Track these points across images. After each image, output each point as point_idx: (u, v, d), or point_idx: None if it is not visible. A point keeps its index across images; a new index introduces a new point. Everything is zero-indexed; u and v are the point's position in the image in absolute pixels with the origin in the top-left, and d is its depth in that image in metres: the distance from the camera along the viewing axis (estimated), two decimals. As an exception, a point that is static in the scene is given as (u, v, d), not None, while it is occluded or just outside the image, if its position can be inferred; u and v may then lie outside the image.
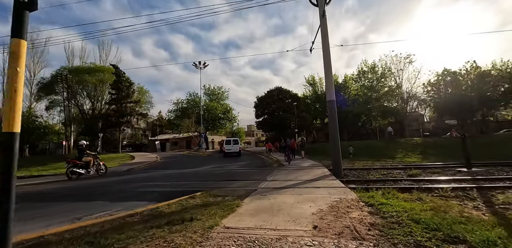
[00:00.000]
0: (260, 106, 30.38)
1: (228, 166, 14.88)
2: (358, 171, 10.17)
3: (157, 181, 9.47)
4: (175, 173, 11.98)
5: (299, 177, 8.38)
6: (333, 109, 9.30)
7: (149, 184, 8.41)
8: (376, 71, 35.20)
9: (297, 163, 14.25)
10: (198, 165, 16.30)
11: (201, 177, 10.20)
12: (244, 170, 12.13)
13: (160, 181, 9.27)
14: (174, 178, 10.18)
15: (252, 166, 13.99)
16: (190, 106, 49.38)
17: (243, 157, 23.09)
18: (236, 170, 12.11)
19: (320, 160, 17.07)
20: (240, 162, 17.29)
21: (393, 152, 22.54)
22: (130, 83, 32.92)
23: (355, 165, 13.28)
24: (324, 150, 25.13)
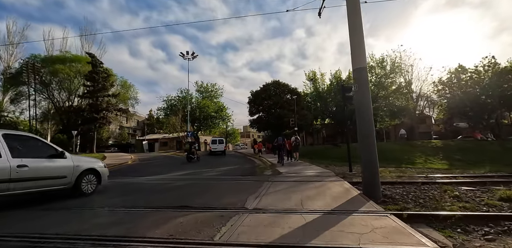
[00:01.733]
0: (255, 102, 26.67)
1: (204, 173, 11.11)
2: (400, 187, 6.43)
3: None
4: (110, 185, 8.14)
5: (307, 200, 4.67)
6: (363, 83, 5.57)
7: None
8: (384, 66, 31.70)
9: (297, 169, 10.52)
10: (169, 170, 12.51)
11: (141, 196, 6.38)
12: (222, 180, 8.36)
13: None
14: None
15: (236, 174, 10.24)
16: (181, 104, 45.62)
17: (232, 160, 19.35)
18: (210, 181, 8.34)
19: (326, 165, 13.41)
20: (224, 167, 13.52)
21: (411, 157, 18.91)
22: (108, 74, 29.09)
23: (381, 174, 9.54)
24: (326, 153, 21.49)
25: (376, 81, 31.65)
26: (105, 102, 28.28)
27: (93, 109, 27.56)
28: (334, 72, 36.06)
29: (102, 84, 27.95)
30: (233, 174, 10.40)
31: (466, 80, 33.33)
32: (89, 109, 28.10)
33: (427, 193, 5.48)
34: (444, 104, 35.64)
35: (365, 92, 5.54)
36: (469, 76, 33.44)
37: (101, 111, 27.73)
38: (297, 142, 14.58)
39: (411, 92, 31.88)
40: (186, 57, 29.64)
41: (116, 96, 30.44)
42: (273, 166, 12.39)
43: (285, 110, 24.54)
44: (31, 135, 5.67)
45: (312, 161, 15.89)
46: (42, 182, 5.13)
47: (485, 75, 32.44)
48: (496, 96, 29.98)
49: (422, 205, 4.45)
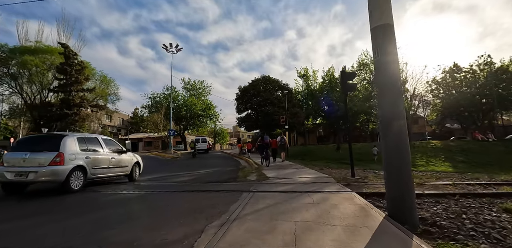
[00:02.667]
0: (243, 99, 24.71)
1: (175, 177, 9.13)
2: (433, 201, 4.59)
3: None
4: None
5: (304, 234, 2.75)
6: (387, 49, 3.67)
7: None
8: (379, 63, 30.36)
9: (288, 174, 8.67)
10: None
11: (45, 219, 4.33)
12: (188, 190, 6.36)
13: None
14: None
15: (213, 179, 8.28)
16: (166, 101, 43.14)
17: (216, 161, 17.37)
18: (171, 191, 6.34)
19: (320, 167, 11.62)
20: (203, 170, 11.52)
21: (411, 158, 17.35)
22: (82, 67, 26.49)
23: None
24: (319, 154, 19.78)
25: (370, 78, 30.25)
26: (78, 97, 25.69)
27: (65, 104, 24.96)
28: (327, 70, 34.55)
29: (75, 77, 25.37)
30: (209, 179, 8.43)
31: (461, 79, 32.43)
32: (60, 105, 25.48)
33: (483, 214, 3.67)
34: (438, 104, 34.66)
35: (390, 63, 3.68)
36: (464, 76, 32.57)
37: (73, 106, 25.15)
38: (282, 141, 13.16)
39: (405, 91, 30.61)
40: (169, 50, 27.46)
41: (91, 91, 27.84)
42: (259, 168, 10.48)
43: (275, 107, 22.68)
44: (110, 138, 8.10)
45: (305, 162, 14.11)
46: (118, 169, 7.54)
47: (480, 75, 31.61)
48: (492, 95, 29.08)
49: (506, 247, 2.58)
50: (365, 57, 31.80)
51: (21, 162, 5.61)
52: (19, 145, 6.31)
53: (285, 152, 13.84)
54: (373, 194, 4.91)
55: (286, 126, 17.29)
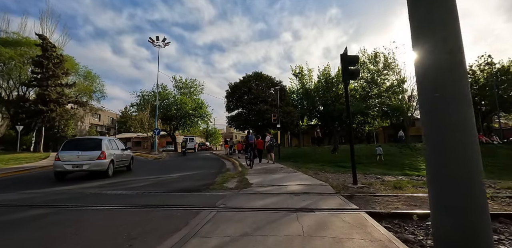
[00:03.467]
0: (233, 96, 23.09)
1: (137, 182, 7.47)
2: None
3: None
4: None
5: None
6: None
7: None
8: (377, 61, 29.10)
9: (275, 179, 7.11)
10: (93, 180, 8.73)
11: None
12: (132, 206, 4.72)
13: None
14: None
15: (182, 186, 6.68)
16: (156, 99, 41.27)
17: (200, 162, 15.71)
18: (104, 206, 4.72)
19: (315, 171, 10.15)
20: (179, 173, 9.85)
21: (413, 161, 15.98)
22: (61, 60, 24.59)
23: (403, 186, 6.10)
24: (313, 156, 18.21)
25: (368, 77, 28.98)
26: (55, 92, 23.75)
27: (40, 100, 23.03)
28: (323, 69, 33.20)
29: (52, 71, 23.46)
30: (178, 185, 6.81)
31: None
32: (34, 100, 23.53)
33: None
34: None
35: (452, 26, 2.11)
36: (463, 77, 31.49)
37: (50, 102, 23.21)
38: (272, 141, 12.10)
39: (404, 91, 29.43)
40: (156, 44, 25.75)
41: (71, 86, 25.88)
42: (242, 172, 8.86)
43: (267, 106, 21.10)
44: (118, 139, 11.41)
45: (298, 165, 12.56)
46: (125, 162, 10.54)
47: (480, 75, 30.65)
48: (493, 97, 28.04)
49: None
50: (363, 55, 30.54)
51: (76, 158, 8.23)
52: (68, 146, 8.79)
53: (273, 153, 12.59)
54: (392, 215, 3.36)
55: (278, 125, 15.73)
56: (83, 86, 33.24)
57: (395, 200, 4.43)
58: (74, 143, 9.19)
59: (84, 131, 52.99)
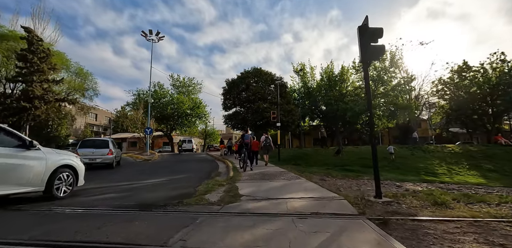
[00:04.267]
0: (230, 94, 21.48)
1: (95, 193, 5.85)
2: None
3: None
4: None
5: None
6: None
7: None
8: (384, 58, 27.51)
9: (272, 189, 5.54)
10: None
11: None
12: (54, 237, 3.10)
13: None
14: None
15: (146, 200, 5.11)
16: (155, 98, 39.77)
17: (192, 164, 14.10)
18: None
19: (320, 176, 8.56)
20: (157, 179, 8.24)
21: (428, 165, 14.35)
22: (47, 54, 23.06)
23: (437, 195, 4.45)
24: (317, 158, 16.57)
25: (374, 75, 27.38)
26: (41, 88, 22.22)
27: (23, 96, 21.48)
28: (326, 67, 31.65)
29: (37, 65, 21.94)
30: (147, 196, 5.24)
31: (470, 79, 29.72)
32: (17, 97, 21.99)
33: None
34: (445, 106, 31.90)
35: None
36: (472, 75, 29.87)
37: (34, 99, 21.67)
38: (267, 142, 10.98)
39: (412, 90, 27.82)
40: (149, 38, 24.24)
41: (58, 82, 24.32)
42: (234, 178, 7.25)
43: (267, 103, 19.48)
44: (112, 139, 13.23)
45: (300, 169, 10.97)
46: (118, 158, 13.45)
47: (492, 74, 28.98)
48: (508, 96, 26.35)
49: None
50: (368, 52, 28.93)
51: (91, 154, 11.31)
52: (84, 144, 12.09)
53: (268, 155, 11.45)
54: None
55: (278, 123, 14.13)
56: (74, 83, 31.76)
57: (458, 232, 2.82)
58: (89, 142, 12.39)
59: (80, 131, 51.59)
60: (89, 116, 58.66)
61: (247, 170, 9.32)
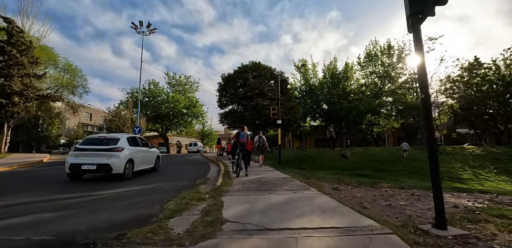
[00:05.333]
0: (226, 90, 19.70)
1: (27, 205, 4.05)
2: None
3: None
4: None
5: None
6: None
7: None
8: (391, 54, 25.81)
9: (272, 207, 3.74)
10: (18, 191, 5.38)
11: None
12: None
13: None
14: None
15: (75, 227, 3.25)
16: (145, 95, 37.99)
17: (180, 168, 12.30)
18: None
19: (333, 185, 6.79)
20: (125, 187, 6.42)
21: (450, 169, 12.56)
22: (28, 46, 21.27)
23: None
24: (321, 161, 14.73)
25: (381, 71, 25.66)
26: (21, 84, 20.43)
27: (0, 91, 19.67)
28: (328, 63, 29.95)
29: (16, 58, 20.14)
30: (81, 221, 3.43)
31: (482, 76, 28.01)
32: (-3, 92, 20.17)
33: None
34: (455, 105, 30.15)
35: None
36: (484, 73, 28.15)
37: (12, 95, 19.87)
38: (260, 142, 10.41)
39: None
40: (139, 30, 22.49)
41: (40, 77, 22.47)
42: (222, 188, 5.44)
43: (266, 100, 17.68)
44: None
45: (304, 173, 9.20)
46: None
47: (506, 71, 27.28)
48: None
49: None
50: (374, 47, 27.29)
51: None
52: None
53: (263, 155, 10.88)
54: None
55: (278, 120, 12.35)
56: (62, 79, 29.96)
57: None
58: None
59: (72, 131, 49.71)
60: (84, 116, 56.89)
61: (241, 176, 7.55)
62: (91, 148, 7.37)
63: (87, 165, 7.04)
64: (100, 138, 7.87)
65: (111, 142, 7.54)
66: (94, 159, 7.15)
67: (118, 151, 7.30)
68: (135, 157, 8.08)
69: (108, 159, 7.14)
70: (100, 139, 7.75)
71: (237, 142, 7.91)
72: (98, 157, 7.19)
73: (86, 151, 7.31)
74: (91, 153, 7.28)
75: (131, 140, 8.28)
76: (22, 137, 42.72)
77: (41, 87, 24.64)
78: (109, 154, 7.25)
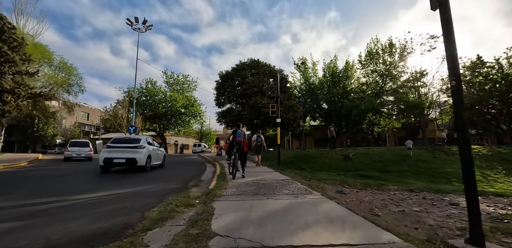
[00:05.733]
0: (224, 88, 19.12)
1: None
2: None
3: None
4: None
5: None
6: None
7: None
8: (393, 52, 25.28)
9: (268, 217, 3.16)
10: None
11: None
12: None
13: None
14: None
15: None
16: (143, 95, 37.35)
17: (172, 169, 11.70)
18: None
19: (338, 187, 6.24)
20: (109, 191, 5.84)
21: (457, 170, 12.00)
22: (20, 43, 20.64)
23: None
24: (322, 162, 14.16)
25: (383, 69, 25.13)
26: (11, 81, 19.80)
27: (-12, 90, 19.03)
28: (329, 62, 29.41)
29: (8, 55, 19.51)
30: (40, 235, 2.85)
31: (485, 75, 27.52)
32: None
33: None
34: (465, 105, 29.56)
35: None
36: (486, 72, 27.67)
37: (2, 93, 19.23)
38: (258, 141, 10.08)
39: (422, 86, 25.57)
40: (135, 27, 21.90)
41: (32, 75, 21.81)
42: (215, 192, 4.85)
43: (265, 98, 17.10)
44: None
45: (306, 175, 8.66)
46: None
47: (510, 69, 26.78)
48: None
49: None
50: (375, 45, 26.74)
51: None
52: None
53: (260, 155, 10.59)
54: None
55: (278, 119, 11.78)
56: (56, 78, 29.29)
57: None
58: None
59: (69, 131, 48.95)
60: (81, 116, 56.18)
61: (237, 178, 6.99)
62: (120, 146, 9.15)
63: (118, 159, 8.88)
64: (126, 138, 9.99)
65: (135, 141, 9.50)
66: (123, 154, 8.96)
67: (141, 148, 9.21)
68: (152, 154, 9.88)
69: (134, 154, 9.00)
70: (126, 139, 9.78)
71: (233, 141, 7.35)
72: (126, 153, 9.00)
73: (116, 148, 9.09)
74: (120, 150, 9.07)
75: (148, 140, 10.18)
76: (17, 137, 41.96)
77: (35, 85, 24.01)
78: (134, 150, 9.10)
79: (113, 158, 8.79)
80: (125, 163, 8.85)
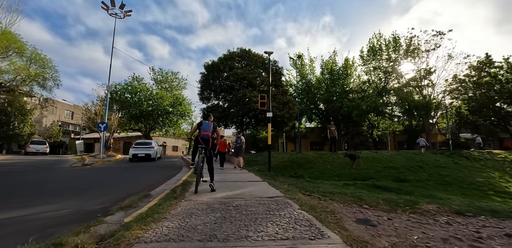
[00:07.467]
0: (210, 81, 16.60)
1: None
2: None
3: None
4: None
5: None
6: None
7: None
8: (397, 48, 23.24)
9: None
10: None
11: None
12: None
13: None
14: None
15: None
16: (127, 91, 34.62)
17: (130, 174, 9.20)
18: None
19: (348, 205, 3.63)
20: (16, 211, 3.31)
21: (489, 179, 9.73)
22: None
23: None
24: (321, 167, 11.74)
25: (386, 66, 23.02)
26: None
27: None
28: (327, 59, 27.26)
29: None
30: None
31: (493, 75, 25.67)
32: None
33: None
34: (464, 107, 27.66)
35: None
36: (494, 72, 25.84)
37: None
38: (238, 143, 8.99)
39: (429, 85, 23.52)
40: (112, 12, 19.39)
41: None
42: (135, 228, 2.41)
43: (255, 92, 14.66)
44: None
45: (302, 184, 6.26)
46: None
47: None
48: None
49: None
50: (378, 40, 24.68)
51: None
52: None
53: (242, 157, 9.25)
54: None
55: (268, 113, 9.35)
56: (28, 71, 26.47)
57: None
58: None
59: (50, 130, 45.64)
60: (64, 114, 52.87)
61: (202, 192, 4.56)
62: (141, 146, 15.68)
63: (140, 154, 15.08)
64: (143, 141, 16.93)
65: (149, 143, 16.33)
66: (143, 151, 15.20)
67: (153, 147, 15.75)
68: (158, 151, 16.82)
69: (149, 151, 15.29)
70: (144, 142, 16.61)
71: (198, 137, 4.96)
72: (145, 150, 15.27)
73: (139, 147, 15.63)
74: (142, 148, 15.49)
75: (155, 142, 17.27)
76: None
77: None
78: (149, 148, 15.51)
79: (137, 153, 14.88)
80: (144, 156, 14.91)
